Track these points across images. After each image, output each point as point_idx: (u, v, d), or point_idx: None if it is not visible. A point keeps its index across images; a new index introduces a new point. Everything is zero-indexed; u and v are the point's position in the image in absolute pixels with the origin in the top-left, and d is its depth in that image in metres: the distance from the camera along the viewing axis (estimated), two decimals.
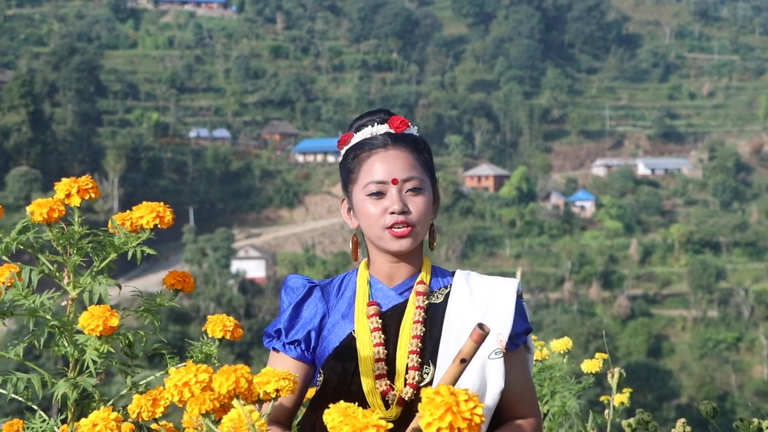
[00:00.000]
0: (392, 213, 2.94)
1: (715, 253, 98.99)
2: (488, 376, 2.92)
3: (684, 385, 69.94)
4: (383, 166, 2.97)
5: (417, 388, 2.88)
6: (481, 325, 2.54)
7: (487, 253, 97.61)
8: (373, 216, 2.96)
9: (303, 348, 3.00)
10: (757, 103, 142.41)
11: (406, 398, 2.88)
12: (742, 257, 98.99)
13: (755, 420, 3.42)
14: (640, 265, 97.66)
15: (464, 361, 2.59)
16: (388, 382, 2.91)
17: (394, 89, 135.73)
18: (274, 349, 3.03)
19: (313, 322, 3.02)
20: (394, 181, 2.95)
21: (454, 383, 2.58)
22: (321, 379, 2.99)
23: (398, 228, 2.94)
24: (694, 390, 67.25)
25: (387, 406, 2.90)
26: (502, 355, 2.92)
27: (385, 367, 2.92)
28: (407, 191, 2.96)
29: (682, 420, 3.63)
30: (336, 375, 2.96)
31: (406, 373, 2.91)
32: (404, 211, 2.94)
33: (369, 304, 3.00)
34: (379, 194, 2.95)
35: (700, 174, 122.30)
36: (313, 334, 3.01)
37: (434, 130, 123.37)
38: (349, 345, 2.96)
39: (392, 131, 3.03)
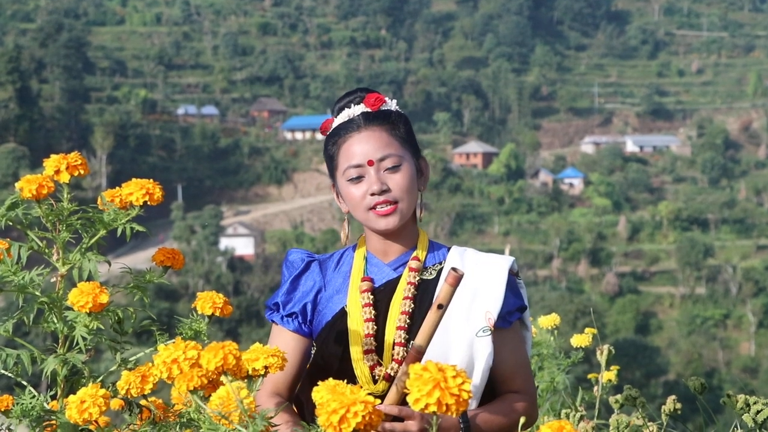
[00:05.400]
0: (372, 194, 2.97)
1: (704, 230, 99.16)
2: (476, 354, 2.94)
3: (672, 362, 70.18)
4: (358, 149, 3.00)
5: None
6: (455, 269, 2.59)
7: (475, 231, 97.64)
8: (356, 199, 2.99)
9: (300, 321, 3.04)
10: (746, 80, 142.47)
11: (392, 374, 2.91)
12: (730, 234, 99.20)
13: (742, 396, 3.44)
14: (629, 243, 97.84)
15: (441, 307, 2.64)
16: (376, 358, 2.93)
17: (383, 66, 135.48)
18: (273, 321, 3.08)
19: (309, 296, 3.06)
20: (370, 163, 2.98)
21: (433, 330, 2.66)
22: (314, 352, 3.04)
23: (381, 207, 2.97)
24: (682, 367, 67.48)
25: (375, 381, 2.93)
26: (490, 333, 2.95)
27: (374, 343, 2.94)
28: (385, 170, 2.98)
29: (673, 397, 3.64)
30: (327, 349, 3.00)
31: (393, 348, 2.94)
32: (384, 191, 2.96)
33: (363, 280, 3.02)
34: (359, 178, 2.99)
35: (688, 151, 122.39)
36: (309, 307, 3.05)
37: (423, 107, 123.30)
38: (341, 319, 3.00)
39: (368, 110, 3.05)
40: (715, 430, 3.56)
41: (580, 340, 4.47)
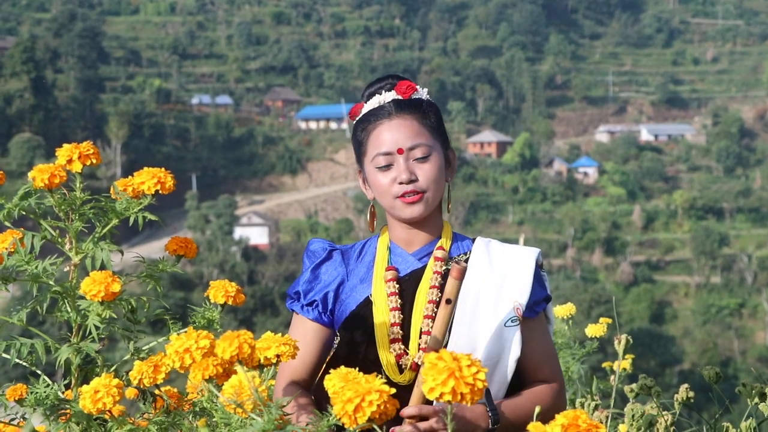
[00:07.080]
0: (400, 183, 2.97)
1: (719, 219, 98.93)
2: (505, 344, 2.94)
3: (687, 351, 70.10)
4: (389, 137, 2.99)
5: None
6: (457, 262, 2.64)
7: (489, 220, 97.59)
8: (383, 187, 2.99)
9: (320, 310, 3.03)
10: (761, 68, 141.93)
11: (420, 363, 2.89)
12: (745, 223, 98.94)
13: (758, 385, 3.43)
14: (643, 232, 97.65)
15: (449, 301, 2.65)
16: (403, 347, 2.93)
17: (397, 55, 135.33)
18: (293, 311, 3.07)
19: (331, 285, 3.05)
20: (400, 151, 2.98)
21: (446, 326, 2.68)
22: (338, 342, 3.03)
23: (408, 196, 2.96)
24: (697, 356, 67.42)
25: (401, 370, 2.92)
26: (518, 323, 2.95)
27: (400, 332, 2.94)
28: (414, 159, 2.98)
29: (685, 385, 3.63)
30: (351, 339, 2.99)
31: (420, 337, 2.93)
32: (412, 180, 2.96)
33: (387, 269, 3.02)
34: (387, 166, 2.99)
35: (703, 140, 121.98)
36: (330, 296, 3.04)
37: (437, 96, 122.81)
38: (365, 309, 2.99)
39: (399, 97, 3.04)
40: (730, 419, 3.55)
41: (595, 330, 4.46)
